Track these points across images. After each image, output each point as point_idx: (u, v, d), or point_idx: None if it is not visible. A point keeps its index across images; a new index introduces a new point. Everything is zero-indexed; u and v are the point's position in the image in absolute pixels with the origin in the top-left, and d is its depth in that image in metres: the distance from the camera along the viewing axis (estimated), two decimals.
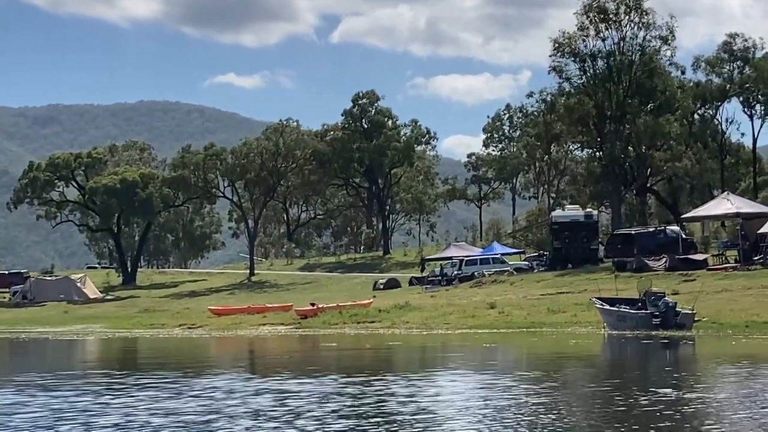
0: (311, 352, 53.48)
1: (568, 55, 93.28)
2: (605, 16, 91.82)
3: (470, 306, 67.01)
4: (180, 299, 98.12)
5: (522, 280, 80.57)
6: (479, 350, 49.54)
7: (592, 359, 45.08)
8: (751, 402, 29.98)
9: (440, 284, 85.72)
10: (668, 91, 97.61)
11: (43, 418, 28.08)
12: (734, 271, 70.52)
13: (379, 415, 28.11)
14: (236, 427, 25.95)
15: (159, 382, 37.49)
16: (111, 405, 30.74)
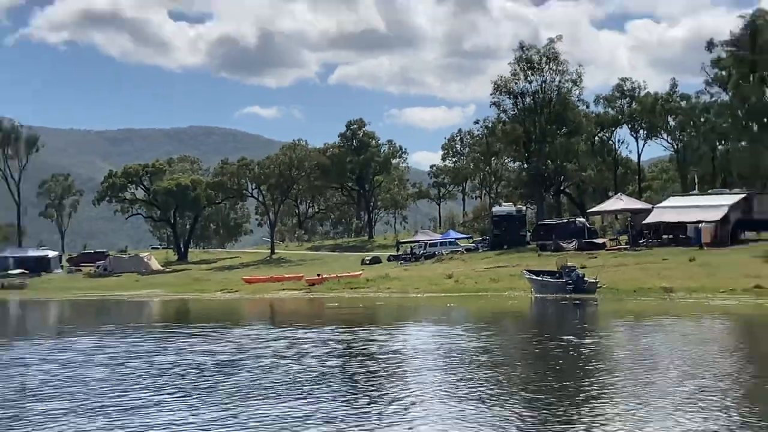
0: (317, 310, 53.62)
1: (504, 93, 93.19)
2: (531, 65, 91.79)
3: (434, 276, 67.24)
4: (220, 271, 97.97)
5: (471, 257, 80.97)
6: (440, 308, 49.74)
7: (521, 315, 45.43)
8: (632, 344, 30.58)
9: (411, 261, 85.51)
10: (577, 120, 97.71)
11: (118, 356, 28.15)
12: (625, 251, 70.71)
13: (363, 354, 28.57)
14: (259, 363, 26.10)
15: (203, 332, 37.76)
16: (168, 348, 30.91)
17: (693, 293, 49.39)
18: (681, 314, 40.93)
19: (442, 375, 23.98)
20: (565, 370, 24.06)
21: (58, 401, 19.81)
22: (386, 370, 25.30)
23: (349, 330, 37.03)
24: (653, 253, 66.88)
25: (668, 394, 19.61)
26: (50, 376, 24.33)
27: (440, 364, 26.08)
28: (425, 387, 21.39)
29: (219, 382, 22.42)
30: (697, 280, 53.51)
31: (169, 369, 25.26)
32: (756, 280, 51.15)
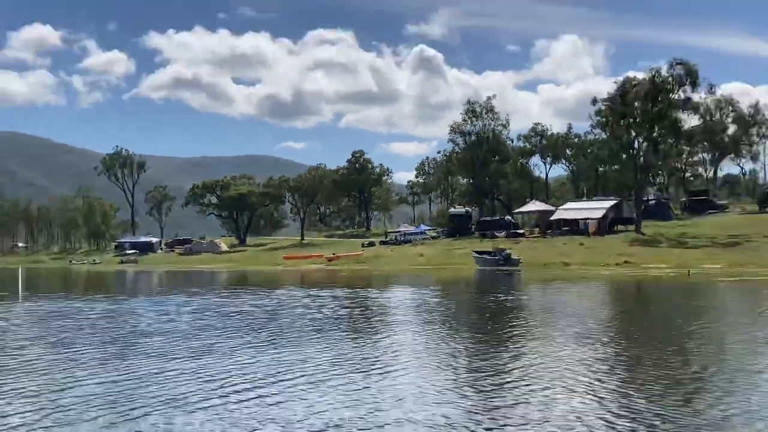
0: (333, 277, 53.07)
1: (458, 133, 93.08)
2: (475, 114, 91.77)
3: (411, 255, 67.12)
4: (268, 252, 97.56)
5: (435, 243, 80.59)
6: (415, 277, 49.49)
7: (468, 281, 45.10)
8: (544, 299, 30.40)
9: (395, 244, 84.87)
10: (506, 151, 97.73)
11: (199, 309, 27.98)
12: (538, 238, 70.64)
13: (363, 305, 28.28)
14: (294, 311, 26.04)
15: (256, 292, 37.39)
16: (232, 303, 30.57)
17: (583, 266, 49.58)
18: (575, 280, 40.98)
19: (414, 318, 23.85)
20: (497, 315, 24.06)
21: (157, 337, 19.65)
22: (378, 315, 25.31)
23: (355, 290, 37.02)
24: (556, 239, 66.92)
25: (564, 329, 19.69)
26: (153, 321, 24.25)
27: (413, 312, 26.03)
28: (403, 327, 21.30)
29: (265, 325, 22.14)
30: (586, 257, 53.73)
31: (233, 316, 25.05)
32: (624, 257, 51.53)
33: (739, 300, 28.72)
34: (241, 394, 11.83)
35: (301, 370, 14.01)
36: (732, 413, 10.15)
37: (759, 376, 12.78)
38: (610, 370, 13.44)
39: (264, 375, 13.50)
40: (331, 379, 13.22)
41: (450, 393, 11.86)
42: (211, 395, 11.74)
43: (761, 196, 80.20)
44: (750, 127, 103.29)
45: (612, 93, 72.90)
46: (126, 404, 11.10)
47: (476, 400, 11.37)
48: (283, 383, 12.75)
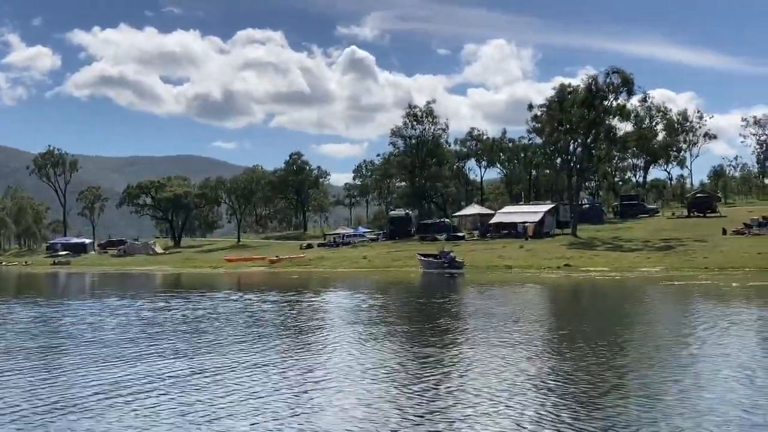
0: (276, 280, 52.41)
1: (398, 136, 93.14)
2: (416, 118, 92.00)
3: (353, 257, 66.77)
4: (204, 253, 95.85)
5: (375, 245, 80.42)
6: (361, 279, 49.36)
7: (412, 283, 45.28)
8: (482, 299, 30.71)
9: (335, 246, 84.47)
10: (444, 155, 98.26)
11: (131, 312, 27.55)
12: (477, 241, 71.34)
13: (301, 305, 28.11)
14: (232, 315, 25.98)
15: (191, 295, 36.75)
16: (169, 307, 30.00)
17: (526, 269, 50.24)
18: (517, 281, 41.55)
19: (355, 321, 23.80)
20: (442, 318, 24.29)
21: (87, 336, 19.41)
22: (318, 318, 25.37)
23: (299, 293, 36.85)
24: (496, 242, 67.57)
25: (504, 327, 20.47)
26: (83, 322, 23.99)
27: (356, 315, 26.02)
28: (342, 331, 21.28)
29: (199, 330, 21.79)
30: (526, 260, 54.44)
31: (163, 320, 24.67)
32: (563, 260, 52.41)
33: (674, 301, 29.50)
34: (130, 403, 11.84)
35: (219, 377, 14.03)
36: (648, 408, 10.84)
37: (672, 372, 13.56)
38: (543, 374, 13.91)
39: (175, 384, 13.45)
40: (246, 384, 13.34)
41: (375, 403, 11.93)
42: (93, 403, 11.83)
43: (690, 201, 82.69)
44: (678, 134, 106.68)
45: (550, 99, 74.33)
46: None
47: (400, 408, 11.52)
48: (190, 392, 12.69)
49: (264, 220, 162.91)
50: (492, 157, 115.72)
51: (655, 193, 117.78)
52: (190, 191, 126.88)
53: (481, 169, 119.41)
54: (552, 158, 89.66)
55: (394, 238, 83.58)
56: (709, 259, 47.87)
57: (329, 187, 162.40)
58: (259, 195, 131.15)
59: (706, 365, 14.65)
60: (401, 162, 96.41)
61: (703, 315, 23.42)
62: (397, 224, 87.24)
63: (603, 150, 79.79)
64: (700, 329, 19.89)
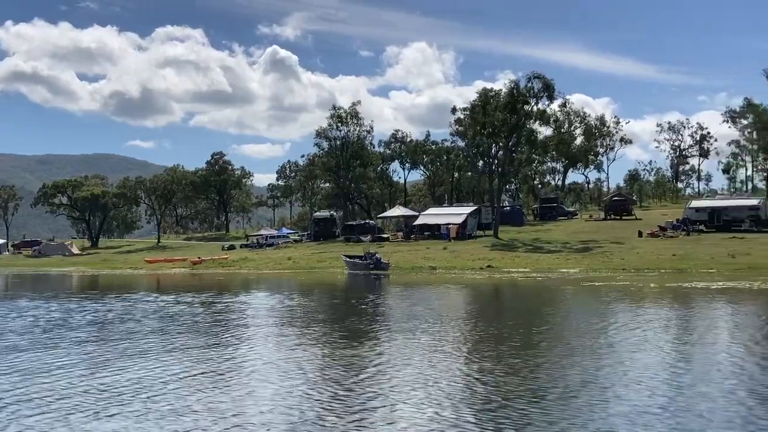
0: (197, 281, 51.53)
1: (323, 138, 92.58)
2: (340, 119, 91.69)
3: (277, 258, 66.03)
4: (123, 254, 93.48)
5: (299, 246, 79.88)
6: (285, 280, 48.93)
7: (338, 284, 45.16)
8: (406, 300, 30.96)
9: (258, 247, 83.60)
10: (368, 156, 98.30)
11: (44, 314, 26.87)
12: (402, 242, 71.69)
13: (223, 307, 27.83)
14: (148, 317, 25.62)
15: (109, 297, 35.87)
16: (84, 309, 29.26)
17: (450, 270, 50.70)
18: (441, 282, 41.87)
19: (276, 323, 23.82)
20: (366, 317, 24.52)
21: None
22: (238, 321, 25.16)
23: (219, 294, 36.44)
24: (420, 243, 67.95)
25: (427, 327, 20.88)
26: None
27: (277, 317, 25.95)
28: (261, 333, 21.37)
29: (113, 329, 21.70)
30: (450, 261, 54.89)
31: (76, 322, 24.20)
32: (486, 261, 53.06)
33: (593, 302, 30.25)
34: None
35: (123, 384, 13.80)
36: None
37: (587, 372, 13.93)
38: (461, 375, 14.26)
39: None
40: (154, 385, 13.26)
41: (288, 404, 12.07)
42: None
43: (606, 204, 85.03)
44: (596, 139, 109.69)
45: (473, 102, 75.43)
46: None
47: (314, 409, 11.72)
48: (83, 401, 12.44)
49: (184, 220, 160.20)
50: (415, 159, 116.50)
51: (574, 196, 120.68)
52: (108, 191, 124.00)
53: (405, 171, 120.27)
54: (474, 161, 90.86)
55: (318, 240, 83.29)
56: (625, 261, 49.25)
57: (252, 187, 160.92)
58: (179, 195, 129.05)
59: (622, 365, 15.13)
60: (326, 163, 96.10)
61: (621, 315, 24.09)
62: (322, 225, 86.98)
63: (524, 153, 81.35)
64: (616, 330, 20.51)
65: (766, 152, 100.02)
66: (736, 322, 22.05)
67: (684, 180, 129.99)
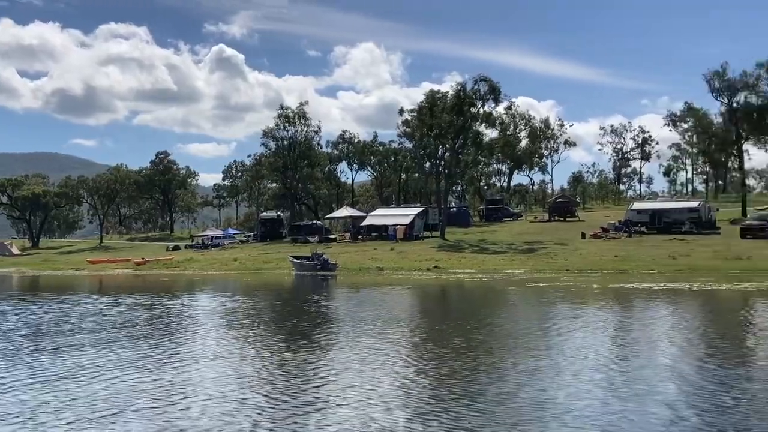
0: (141, 283, 50.60)
1: (270, 137, 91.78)
2: (288, 119, 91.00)
3: (223, 259, 65.24)
4: (64, 254, 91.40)
5: (245, 247, 78.93)
6: (230, 282, 48.40)
7: (284, 285, 44.85)
8: (354, 301, 30.85)
9: (203, 248, 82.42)
10: (316, 157, 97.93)
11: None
12: (349, 243, 71.47)
13: (166, 308, 27.43)
14: (86, 319, 25.15)
15: (48, 298, 35.04)
16: (25, 311, 28.56)
17: (396, 271, 50.76)
18: (389, 283, 41.80)
19: (215, 325, 23.65)
20: (312, 317, 24.46)
21: None
22: (186, 319, 25.00)
23: (162, 296, 35.86)
24: (367, 244, 67.85)
25: (373, 329, 20.92)
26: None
27: (218, 318, 25.71)
28: (199, 335, 21.18)
29: (46, 335, 21.07)
30: (397, 262, 54.96)
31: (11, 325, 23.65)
32: (433, 262, 53.28)
33: (537, 302, 30.62)
34: None
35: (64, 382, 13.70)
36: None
37: (529, 373, 14.12)
38: (403, 377, 14.38)
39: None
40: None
41: (227, 407, 12.04)
42: None
43: (551, 206, 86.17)
44: (540, 141, 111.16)
45: (420, 104, 75.77)
46: None
47: (256, 411, 11.71)
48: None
49: (128, 220, 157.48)
50: (363, 160, 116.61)
51: (519, 198, 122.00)
52: (50, 190, 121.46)
53: (353, 171, 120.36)
54: (421, 162, 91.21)
55: (265, 240, 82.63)
56: (569, 262, 49.93)
57: (197, 187, 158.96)
58: (123, 195, 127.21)
59: (560, 366, 15.31)
60: (273, 163, 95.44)
61: (564, 317, 24.36)
62: (269, 226, 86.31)
63: (470, 155, 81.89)
64: (558, 331, 20.73)
65: (705, 156, 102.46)
66: (673, 324, 22.49)
67: (626, 182, 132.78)
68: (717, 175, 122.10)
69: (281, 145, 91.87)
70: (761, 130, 76.80)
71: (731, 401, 12.02)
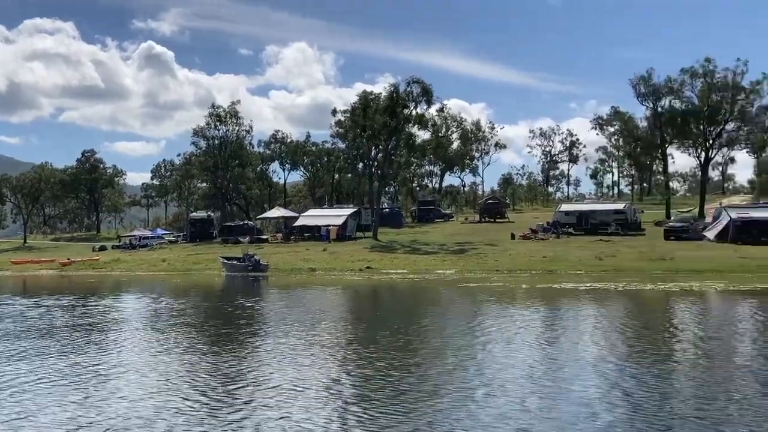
0: (65, 284, 49.18)
1: (200, 136, 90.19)
2: (219, 118, 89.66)
3: (151, 260, 63.93)
4: None
5: (174, 247, 77.42)
6: (159, 282, 47.49)
7: (214, 286, 44.22)
8: (285, 302, 30.59)
9: (131, 249, 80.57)
10: (247, 156, 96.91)
11: None
12: (282, 243, 70.89)
13: (91, 309, 26.76)
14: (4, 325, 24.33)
15: None
16: None
17: (329, 271, 50.58)
18: (321, 284, 41.68)
19: (140, 327, 23.09)
20: (241, 319, 24.17)
21: None
22: (112, 320, 24.47)
23: (89, 296, 35.06)
24: (300, 245, 67.47)
25: (303, 330, 20.75)
26: None
27: (143, 320, 25.16)
28: (123, 337, 20.71)
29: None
30: (329, 262, 54.77)
31: None
32: (365, 263, 53.28)
33: (468, 302, 30.90)
34: None
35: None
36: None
37: (456, 372, 14.28)
38: (332, 377, 14.41)
39: None
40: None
41: (152, 410, 11.86)
42: None
43: (481, 207, 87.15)
44: (472, 143, 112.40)
45: (353, 105, 75.75)
46: None
47: (180, 414, 11.54)
48: None
49: (52, 220, 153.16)
50: (295, 160, 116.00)
51: (450, 199, 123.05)
52: None
53: (285, 171, 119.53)
54: (354, 163, 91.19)
55: (195, 241, 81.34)
56: (499, 262, 50.53)
57: (125, 186, 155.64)
58: (47, 194, 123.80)
59: (486, 365, 15.51)
60: (203, 163, 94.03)
61: (492, 316, 24.64)
62: (199, 226, 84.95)
63: (403, 156, 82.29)
64: (486, 330, 20.97)
65: (631, 159, 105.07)
66: (596, 324, 22.90)
67: (554, 184, 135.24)
68: (642, 178, 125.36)
69: (212, 144, 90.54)
70: (684, 134, 79.14)
71: (647, 398, 12.25)
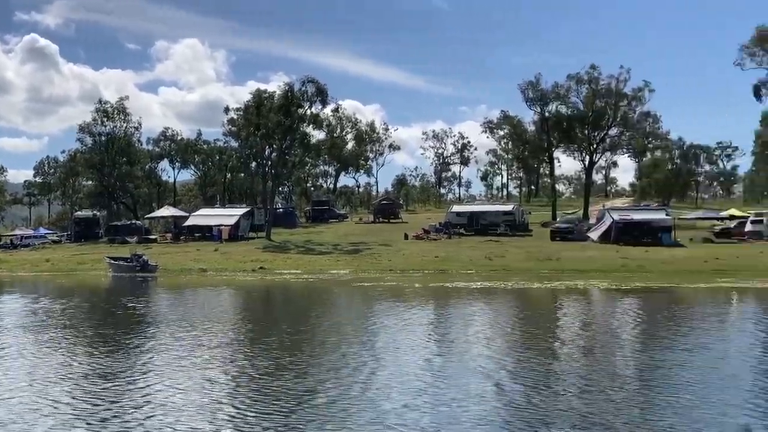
0: None
1: (86, 133, 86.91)
2: (106, 114, 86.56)
3: (34, 260, 60.62)
4: None
5: (58, 247, 73.80)
6: (41, 283, 45.46)
7: (100, 287, 42.87)
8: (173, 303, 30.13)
9: (12, 248, 75.73)
10: (136, 153, 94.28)
11: None
12: (171, 244, 69.04)
13: None
14: None
15: None
16: None
17: (220, 272, 49.86)
18: (212, 284, 41.00)
19: (32, 325, 22.09)
20: (127, 320, 23.74)
21: None
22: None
23: None
24: (190, 245, 65.95)
25: (189, 331, 20.52)
26: None
27: (21, 323, 24.23)
28: (18, 336, 20.00)
29: None
30: (221, 263, 53.95)
31: None
32: (258, 263, 52.86)
33: (361, 302, 31.20)
34: None
35: None
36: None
37: (355, 371, 14.49)
38: (221, 379, 14.35)
39: None
40: None
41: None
42: None
43: (375, 208, 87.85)
44: (366, 144, 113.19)
45: (247, 103, 74.91)
46: None
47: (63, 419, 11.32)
48: None
49: None
50: (186, 159, 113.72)
51: (345, 199, 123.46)
52: None
53: (175, 170, 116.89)
54: (248, 162, 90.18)
55: (80, 240, 78.31)
56: (393, 262, 51.06)
57: (6, 184, 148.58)
58: None
59: (379, 363, 15.70)
60: (89, 160, 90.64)
61: (385, 315, 24.93)
62: (84, 225, 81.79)
63: (297, 156, 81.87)
64: (377, 329, 21.28)
65: (519, 161, 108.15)
66: (485, 321, 23.56)
67: (447, 186, 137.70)
68: (530, 180, 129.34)
69: (98, 141, 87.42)
70: (570, 138, 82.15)
71: (534, 395, 12.65)
